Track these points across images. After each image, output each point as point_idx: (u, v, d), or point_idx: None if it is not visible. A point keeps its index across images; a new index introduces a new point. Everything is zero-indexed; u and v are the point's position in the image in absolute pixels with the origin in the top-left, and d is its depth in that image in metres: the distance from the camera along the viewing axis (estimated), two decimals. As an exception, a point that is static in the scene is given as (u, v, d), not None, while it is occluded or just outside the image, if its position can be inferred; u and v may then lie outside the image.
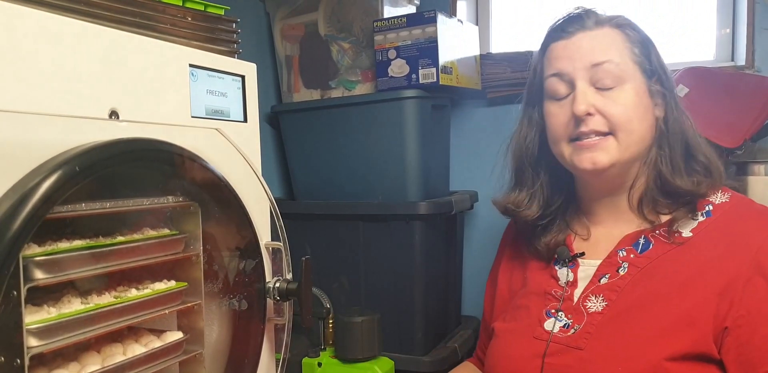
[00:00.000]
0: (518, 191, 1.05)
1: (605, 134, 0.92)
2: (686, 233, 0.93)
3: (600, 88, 0.92)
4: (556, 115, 0.96)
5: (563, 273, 0.99)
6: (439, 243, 1.59)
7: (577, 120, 0.92)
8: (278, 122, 1.70)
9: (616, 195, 0.99)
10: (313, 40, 1.66)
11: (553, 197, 1.04)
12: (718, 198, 0.96)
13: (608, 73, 0.91)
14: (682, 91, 1.38)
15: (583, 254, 0.99)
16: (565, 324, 0.94)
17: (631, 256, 0.94)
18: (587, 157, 0.92)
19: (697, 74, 1.41)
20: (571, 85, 0.94)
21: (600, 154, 0.91)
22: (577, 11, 0.97)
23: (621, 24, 0.96)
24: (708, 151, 0.96)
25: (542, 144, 1.03)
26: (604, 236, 1.00)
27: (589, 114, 0.91)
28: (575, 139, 0.94)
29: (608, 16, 0.97)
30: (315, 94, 1.67)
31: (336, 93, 1.64)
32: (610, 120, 0.91)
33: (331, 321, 1.48)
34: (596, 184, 0.99)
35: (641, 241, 0.95)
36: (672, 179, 0.93)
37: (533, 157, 1.03)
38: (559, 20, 0.98)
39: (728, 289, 0.86)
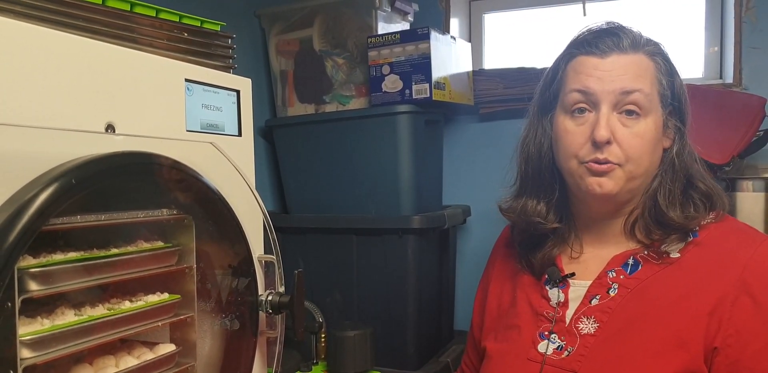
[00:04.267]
0: (536, 201, 1.01)
1: (615, 163, 0.90)
2: (674, 253, 0.93)
3: (622, 116, 0.90)
4: (573, 133, 0.93)
5: (554, 294, 0.99)
6: (432, 257, 1.60)
7: (596, 145, 0.90)
8: (272, 136, 1.71)
9: (611, 219, 0.98)
10: (308, 56, 1.68)
11: (564, 208, 1.02)
12: (704, 218, 0.95)
13: (635, 102, 0.89)
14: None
15: (573, 274, 0.98)
16: (558, 346, 0.94)
17: (621, 277, 0.94)
18: (595, 181, 0.91)
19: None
20: (594, 106, 0.91)
21: (607, 181, 0.90)
22: (612, 27, 0.94)
23: (654, 52, 0.93)
24: (709, 180, 0.96)
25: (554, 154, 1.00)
26: (594, 256, 1.00)
27: (607, 142, 0.89)
28: (586, 160, 0.92)
29: (644, 40, 0.94)
30: (309, 109, 1.68)
31: (330, 108, 1.65)
32: (626, 152, 0.89)
33: (323, 335, 1.48)
34: (595, 207, 0.98)
35: (630, 262, 0.95)
36: (666, 212, 0.92)
37: (551, 166, 1.00)
38: (591, 32, 0.95)
39: (716, 309, 0.86)
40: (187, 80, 0.80)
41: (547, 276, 1.01)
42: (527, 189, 1.03)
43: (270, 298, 0.84)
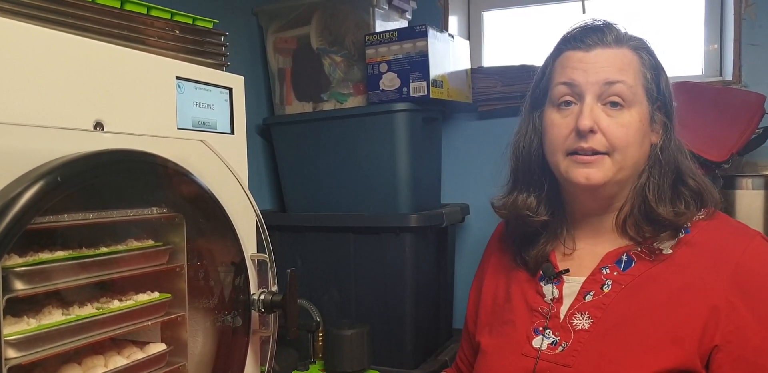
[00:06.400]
0: (526, 195, 1.03)
1: (602, 153, 0.92)
2: (666, 250, 0.94)
3: (607, 107, 0.92)
4: (558, 125, 0.95)
5: (548, 290, 1.00)
6: (429, 256, 1.59)
7: (580, 134, 0.91)
8: (270, 135, 1.70)
9: (602, 214, 0.99)
10: (306, 54, 1.67)
11: (555, 203, 1.03)
12: (694, 215, 0.96)
13: (619, 93, 0.91)
14: (670, 105, 1.39)
15: (567, 270, 0.99)
16: (552, 342, 0.94)
17: (615, 273, 0.95)
18: (582, 173, 0.92)
19: (684, 89, 1.42)
20: (580, 97, 0.93)
21: (595, 171, 0.92)
22: (598, 23, 0.96)
23: (639, 47, 0.95)
24: (699, 176, 0.97)
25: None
26: (588, 253, 1.00)
27: (591, 131, 0.91)
28: (572, 152, 0.93)
29: (628, 36, 0.95)
30: (307, 107, 1.68)
31: (328, 106, 1.65)
32: (610, 141, 0.91)
33: (320, 334, 1.47)
34: (585, 201, 0.99)
35: (623, 258, 0.96)
36: (656, 207, 0.93)
37: (540, 161, 1.01)
38: (577, 28, 0.97)
39: (714, 306, 0.86)
40: (178, 78, 0.79)
41: (541, 272, 1.02)
42: (518, 185, 1.05)
43: (262, 297, 0.84)
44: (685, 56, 1.72)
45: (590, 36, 0.94)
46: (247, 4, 1.73)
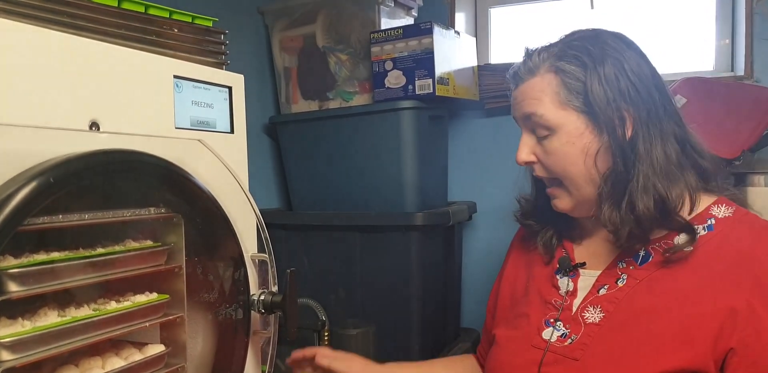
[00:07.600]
0: (531, 203, 1.09)
1: (555, 179, 0.96)
2: (687, 247, 0.90)
3: (539, 137, 0.95)
4: None
5: (564, 283, 0.99)
6: (436, 254, 1.58)
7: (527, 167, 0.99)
8: (276, 133, 1.70)
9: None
10: (311, 52, 1.66)
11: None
12: (722, 212, 0.93)
13: (537, 124, 0.94)
14: (680, 101, 1.37)
15: (584, 264, 0.99)
16: (562, 334, 0.94)
17: (631, 267, 0.94)
18: (552, 203, 0.99)
19: (695, 85, 1.40)
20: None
21: (558, 201, 0.98)
22: (522, 59, 0.99)
23: (554, 66, 0.92)
24: (661, 183, 0.88)
25: None
26: (605, 247, 0.99)
27: (533, 162, 0.97)
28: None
29: (544, 55, 0.94)
30: (313, 105, 1.67)
31: (333, 104, 1.64)
32: (547, 169, 0.96)
33: (326, 333, 1.47)
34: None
35: (641, 253, 0.94)
36: (616, 216, 0.89)
37: (531, 177, 1.06)
38: None
39: (733, 308, 0.84)
40: (176, 77, 0.78)
41: (558, 265, 1.02)
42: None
43: (262, 297, 0.83)
44: (696, 51, 1.70)
45: (515, 75, 0.99)
46: (253, 3, 1.72)
